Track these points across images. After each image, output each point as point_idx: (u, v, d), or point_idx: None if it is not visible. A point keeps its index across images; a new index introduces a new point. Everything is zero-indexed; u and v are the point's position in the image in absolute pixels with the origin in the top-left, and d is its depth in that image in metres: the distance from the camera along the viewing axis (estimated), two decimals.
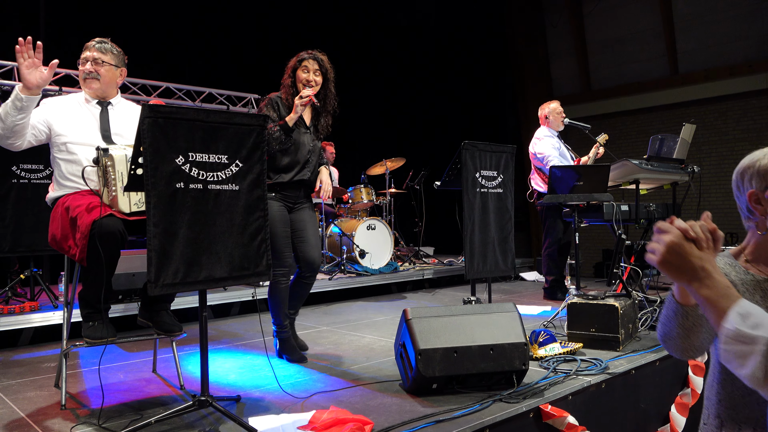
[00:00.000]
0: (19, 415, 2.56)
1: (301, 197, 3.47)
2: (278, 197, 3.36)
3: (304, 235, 3.43)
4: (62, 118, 2.80)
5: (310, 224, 3.46)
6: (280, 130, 3.23)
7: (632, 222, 4.67)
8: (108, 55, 2.92)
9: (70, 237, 2.56)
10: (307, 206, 3.50)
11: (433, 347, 2.61)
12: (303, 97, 3.25)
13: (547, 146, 5.42)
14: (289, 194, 3.40)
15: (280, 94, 3.40)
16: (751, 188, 1.44)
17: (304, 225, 3.44)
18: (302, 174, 3.39)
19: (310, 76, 3.33)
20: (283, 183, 3.35)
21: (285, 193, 3.38)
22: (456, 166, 4.06)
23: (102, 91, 2.93)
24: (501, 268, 4.04)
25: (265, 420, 2.34)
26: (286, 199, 3.39)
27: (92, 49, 2.90)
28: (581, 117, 6.95)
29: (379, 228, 6.61)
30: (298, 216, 3.45)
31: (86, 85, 2.91)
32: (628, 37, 9.81)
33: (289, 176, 3.35)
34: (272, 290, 3.39)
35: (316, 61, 3.35)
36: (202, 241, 2.21)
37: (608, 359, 3.12)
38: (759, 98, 8.72)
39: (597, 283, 6.88)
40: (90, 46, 2.91)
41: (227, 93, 7.85)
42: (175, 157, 2.14)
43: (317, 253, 3.46)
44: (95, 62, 2.90)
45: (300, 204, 3.47)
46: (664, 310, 1.39)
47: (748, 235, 1.54)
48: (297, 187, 3.41)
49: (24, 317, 3.97)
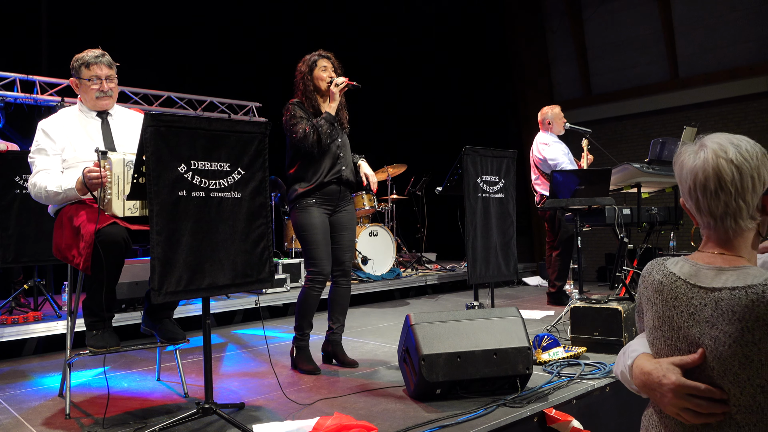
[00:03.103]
0: (23, 424, 2.57)
1: (341, 198, 3.40)
2: (318, 202, 3.31)
3: (340, 238, 3.41)
4: (70, 139, 2.79)
5: (347, 227, 3.42)
6: (324, 123, 3.22)
7: (634, 225, 4.67)
8: (114, 70, 2.92)
9: (73, 246, 2.57)
10: (349, 208, 3.45)
11: (437, 352, 2.61)
12: (339, 84, 3.27)
13: (558, 152, 5.39)
14: (329, 195, 3.34)
15: (299, 100, 3.38)
16: None
17: (341, 228, 3.41)
18: (336, 170, 3.33)
19: (331, 73, 3.37)
20: (322, 183, 3.29)
21: (325, 196, 3.32)
22: (457, 171, 4.07)
23: (110, 105, 2.94)
24: (503, 273, 4.03)
25: (269, 427, 2.34)
26: (327, 202, 3.34)
27: (101, 66, 2.85)
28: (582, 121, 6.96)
29: (382, 234, 6.61)
30: (338, 219, 3.40)
31: (98, 102, 2.88)
32: (628, 41, 9.83)
33: (326, 175, 3.30)
34: (302, 295, 3.34)
35: (327, 59, 3.40)
36: (205, 248, 2.22)
37: (612, 363, 3.11)
38: (760, 101, 8.71)
39: (600, 287, 6.87)
40: (95, 62, 2.84)
41: (228, 101, 7.88)
42: (178, 166, 2.15)
43: (347, 255, 3.43)
44: (109, 80, 2.88)
45: (341, 207, 3.41)
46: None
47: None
48: (335, 186, 3.35)
49: (28, 327, 3.98)
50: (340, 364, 3.41)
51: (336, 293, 3.45)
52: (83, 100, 2.92)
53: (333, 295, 3.46)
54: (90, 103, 2.90)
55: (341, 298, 3.45)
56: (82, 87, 2.88)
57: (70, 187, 2.63)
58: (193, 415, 2.30)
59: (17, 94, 6.16)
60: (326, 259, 3.31)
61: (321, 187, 3.31)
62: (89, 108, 2.91)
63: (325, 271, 3.31)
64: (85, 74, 2.85)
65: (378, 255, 6.53)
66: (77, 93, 2.93)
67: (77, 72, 2.87)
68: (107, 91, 2.88)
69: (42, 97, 6.27)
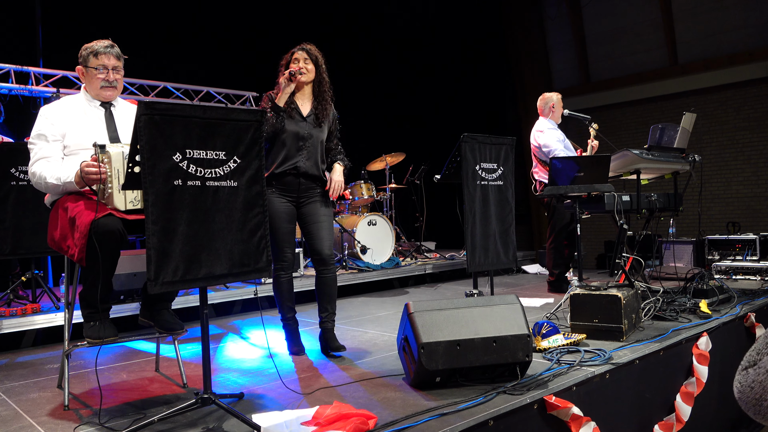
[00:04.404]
0: (22, 416, 2.56)
1: (304, 189, 3.42)
2: (276, 192, 3.35)
3: (311, 229, 3.43)
4: (72, 126, 2.77)
5: (319, 218, 3.43)
6: (270, 112, 3.27)
7: (634, 212, 4.66)
8: (121, 62, 2.90)
9: (69, 237, 2.55)
10: (316, 200, 3.45)
11: (436, 340, 2.60)
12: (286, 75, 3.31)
13: (551, 139, 5.38)
14: (285, 186, 3.37)
15: (276, 91, 3.41)
16: None
17: (313, 219, 3.42)
18: (291, 163, 3.34)
19: (302, 65, 3.39)
20: (274, 174, 3.33)
21: (281, 186, 3.36)
22: (456, 159, 4.04)
23: (114, 97, 2.92)
24: (503, 261, 4.02)
25: (269, 416, 2.33)
26: (285, 192, 3.37)
27: (109, 56, 2.84)
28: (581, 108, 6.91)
29: (380, 223, 6.60)
30: (307, 210, 3.43)
31: (102, 91, 2.86)
32: (626, 27, 9.77)
33: (279, 166, 3.34)
34: (274, 285, 3.45)
35: (304, 50, 3.41)
36: (202, 238, 2.20)
37: (612, 350, 3.11)
38: (759, 87, 8.68)
39: (599, 274, 6.87)
40: (104, 51, 2.83)
41: (225, 91, 7.84)
42: (173, 155, 2.13)
43: (325, 246, 3.42)
44: (115, 71, 2.87)
45: (307, 197, 3.43)
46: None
47: None
48: (292, 178, 3.37)
49: (26, 319, 3.97)
50: (329, 350, 3.41)
51: (319, 282, 3.47)
52: (87, 89, 2.90)
53: (317, 285, 3.48)
54: (94, 92, 2.88)
55: (325, 287, 3.46)
56: (87, 75, 2.86)
57: (69, 180, 2.61)
58: (192, 406, 2.29)
59: (12, 86, 6.12)
60: (285, 245, 3.37)
61: (276, 177, 3.35)
62: (93, 97, 2.90)
63: (282, 258, 3.37)
64: (93, 63, 2.83)
65: (377, 244, 6.51)
66: (82, 81, 2.92)
67: (85, 60, 2.85)
68: (112, 82, 2.86)
69: (37, 88, 6.23)
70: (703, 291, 4.26)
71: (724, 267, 5.71)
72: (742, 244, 5.96)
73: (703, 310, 3.90)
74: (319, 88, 3.44)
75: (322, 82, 3.45)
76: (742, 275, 5.56)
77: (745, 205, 8.87)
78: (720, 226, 8.34)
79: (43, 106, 2.84)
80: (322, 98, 3.45)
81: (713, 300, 4.17)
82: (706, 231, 7.43)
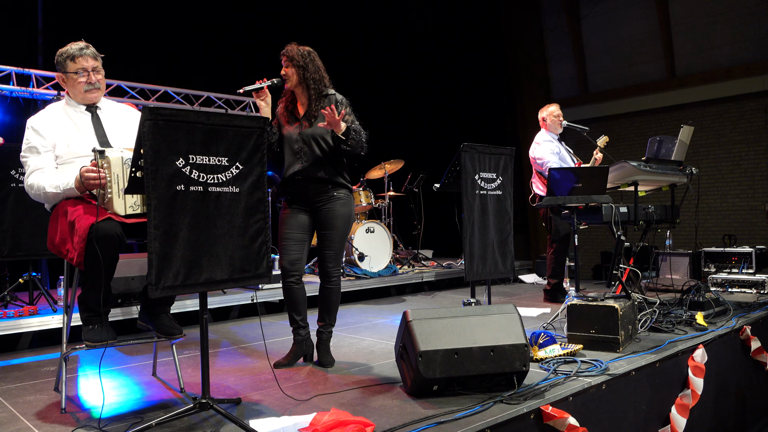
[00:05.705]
0: (19, 419, 2.56)
1: (316, 194, 3.33)
2: (289, 200, 3.36)
3: (321, 237, 3.39)
4: (61, 135, 2.74)
5: (326, 226, 3.35)
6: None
7: (631, 223, 4.68)
8: (99, 61, 2.87)
9: (68, 241, 2.55)
10: (330, 203, 3.34)
11: (434, 349, 2.61)
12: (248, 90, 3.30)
13: (545, 151, 5.43)
14: (297, 192, 3.33)
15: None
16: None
17: (326, 225, 3.36)
18: (293, 168, 3.30)
19: (284, 70, 3.35)
20: (285, 181, 3.33)
21: (292, 195, 3.35)
22: (455, 168, 4.07)
23: (99, 98, 2.90)
24: (500, 270, 4.04)
25: (266, 422, 2.33)
26: (297, 200, 3.34)
27: (86, 58, 2.80)
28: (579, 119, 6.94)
29: (378, 231, 6.61)
30: (321, 215, 3.35)
31: (87, 95, 2.83)
32: (625, 40, 9.84)
33: (285, 173, 3.33)
34: (283, 293, 3.40)
35: (284, 55, 3.35)
36: (203, 243, 2.21)
37: (608, 360, 3.12)
38: (756, 100, 8.74)
39: (596, 285, 6.89)
40: (80, 54, 2.79)
41: (225, 97, 7.85)
42: (176, 160, 2.14)
43: (329, 259, 3.37)
44: (96, 71, 2.83)
45: (321, 201, 3.34)
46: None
47: None
48: (299, 183, 3.31)
49: (23, 321, 3.96)
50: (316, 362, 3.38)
51: (320, 291, 3.45)
52: (71, 95, 2.86)
53: (319, 293, 3.46)
54: (78, 96, 2.84)
55: (324, 297, 3.43)
56: (69, 81, 2.82)
57: (70, 187, 2.61)
58: (189, 410, 2.30)
59: (13, 87, 6.13)
60: (294, 254, 3.32)
61: (286, 184, 3.35)
62: (78, 102, 2.86)
63: (290, 267, 3.32)
64: (71, 68, 2.80)
65: (374, 252, 6.52)
66: (64, 88, 2.88)
67: (62, 66, 2.81)
68: (95, 83, 2.83)
69: (38, 90, 6.24)
70: (699, 303, 4.28)
71: (720, 279, 5.73)
72: (738, 256, 5.98)
73: (699, 322, 3.92)
74: (308, 85, 3.33)
75: (309, 79, 3.33)
76: (738, 288, 5.59)
77: (742, 218, 8.92)
78: (716, 238, 8.37)
79: (29, 118, 2.79)
80: (314, 95, 3.34)
81: (709, 312, 4.19)
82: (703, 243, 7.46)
